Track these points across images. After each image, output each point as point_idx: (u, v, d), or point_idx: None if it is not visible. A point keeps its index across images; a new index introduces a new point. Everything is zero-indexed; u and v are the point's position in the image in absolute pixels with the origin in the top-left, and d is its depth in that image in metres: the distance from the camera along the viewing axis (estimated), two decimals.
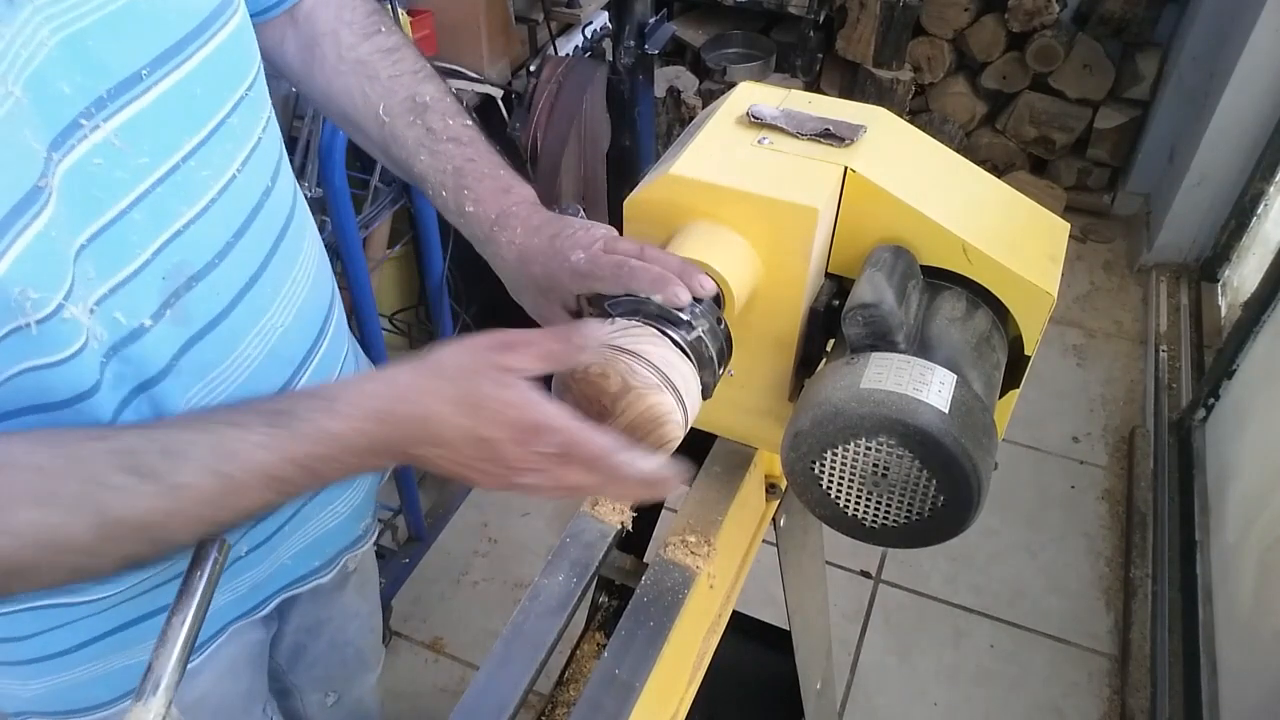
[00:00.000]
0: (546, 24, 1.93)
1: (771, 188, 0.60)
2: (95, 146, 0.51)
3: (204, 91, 0.58)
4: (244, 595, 0.81)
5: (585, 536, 0.72)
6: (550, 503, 2.09)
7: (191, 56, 0.57)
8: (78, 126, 0.51)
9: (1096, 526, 2.06)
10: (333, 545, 0.90)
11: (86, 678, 0.73)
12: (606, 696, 0.62)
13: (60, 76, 0.49)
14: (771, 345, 0.68)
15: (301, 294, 0.71)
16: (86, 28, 0.50)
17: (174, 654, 0.54)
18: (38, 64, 0.48)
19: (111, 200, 0.53)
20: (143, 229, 0.55)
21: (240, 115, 0.62)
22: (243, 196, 0.63)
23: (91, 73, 0.51)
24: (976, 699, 1.75)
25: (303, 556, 0.85)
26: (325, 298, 0.77)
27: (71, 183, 0.50)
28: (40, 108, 0.48)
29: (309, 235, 0.74)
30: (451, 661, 1.83)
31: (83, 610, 0.68)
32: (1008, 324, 0.65)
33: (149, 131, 0.54)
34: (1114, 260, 2.80)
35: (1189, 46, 2.50)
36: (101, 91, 0.51)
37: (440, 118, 0.74)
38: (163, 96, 0.55)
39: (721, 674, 0.83)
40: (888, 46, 2.70)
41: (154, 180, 0.55)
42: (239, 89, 0.62)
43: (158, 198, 0.56)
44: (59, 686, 0.72)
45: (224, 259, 0.61)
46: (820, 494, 0.61)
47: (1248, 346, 1.92)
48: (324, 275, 0.77)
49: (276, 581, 0.84)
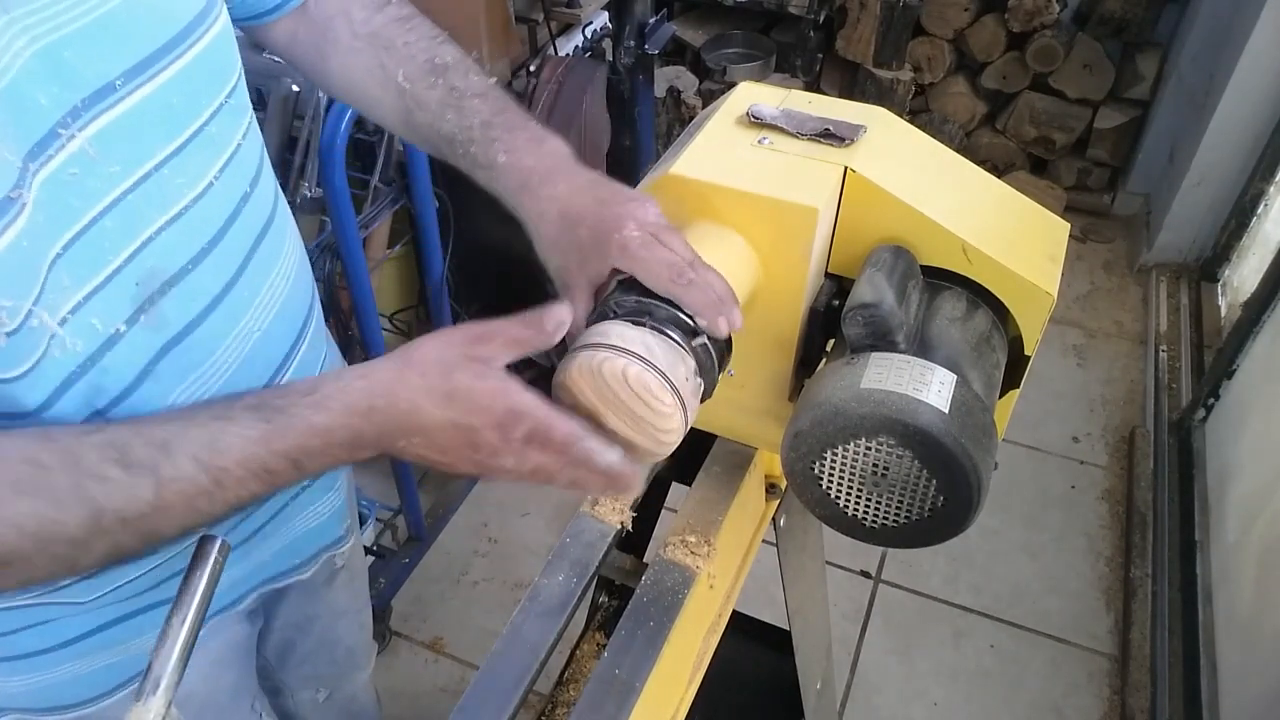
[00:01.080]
0: (546, 24, 1.93)
1: (771, 188, 0.60)
2: (71, 156, 0.52)
3: (181, 100, 0.58)
4: (223, 590, 0.80)
5: (585, 536, 0.72)
6: (550, 502, 2.10)
7: (169, 65, 0.57)
8: (55, 136, 0.51)
9: (1096, 526, 2.06)
10: (312, 544, 0.91)
11: (69, 676, 0.73)
12: (606, 696, 0.62)
13: (36, 87, 0.49)
14: (771, 345, 0.68)
15: (281, 296, 0.71)
16: (63, 38, 0.50)
17: (174, 654, 0.54)
18: (13, 75, 0.48)
19: (85, 208, 0.53)
20: (115, 235, 0.55)
21: (219, 123, 0.62)
22: (219, 203, 0.63)
23: (67, 83, 0.51)
24: (976, 699, 1.75)
25: (283, 555, 0.86)
26: (305, 299, 0.77)
27: (48, 192, 0.51)
28: (16, 119, 0.48)
29: (289, 236, 0.74)
30: (451, 661, 1.83)
31: (66, 610, 0.68)
32: (1007, 324, 0.65)
33: (123, 140, 0.55)
34: (1114, 260, 2.80)
35: (1189, 46, 2.50)
36: (77, 101, 0.51)
37: (463, 76, 0.72)
38: (138, 105, 0.55)
39: (721, 674, 0.83)
40: (888, 46, 2.70)
41: (126, 187, 0.55)
42: (218, 97, 0.62)
43: (130, 204, 0.56)
44: (41, 684, 0.72)
45: (198, 265, 0.61)
46: (820, 494, 0.61)
47: (1247, 346, 1.92)
48: (304, 276, 0.77)
49: (255, 577, 0.85)
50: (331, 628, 1.08)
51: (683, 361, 0.57)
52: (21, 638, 0.69)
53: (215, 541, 0.59)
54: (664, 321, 0.57)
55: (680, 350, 0.57)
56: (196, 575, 0.57)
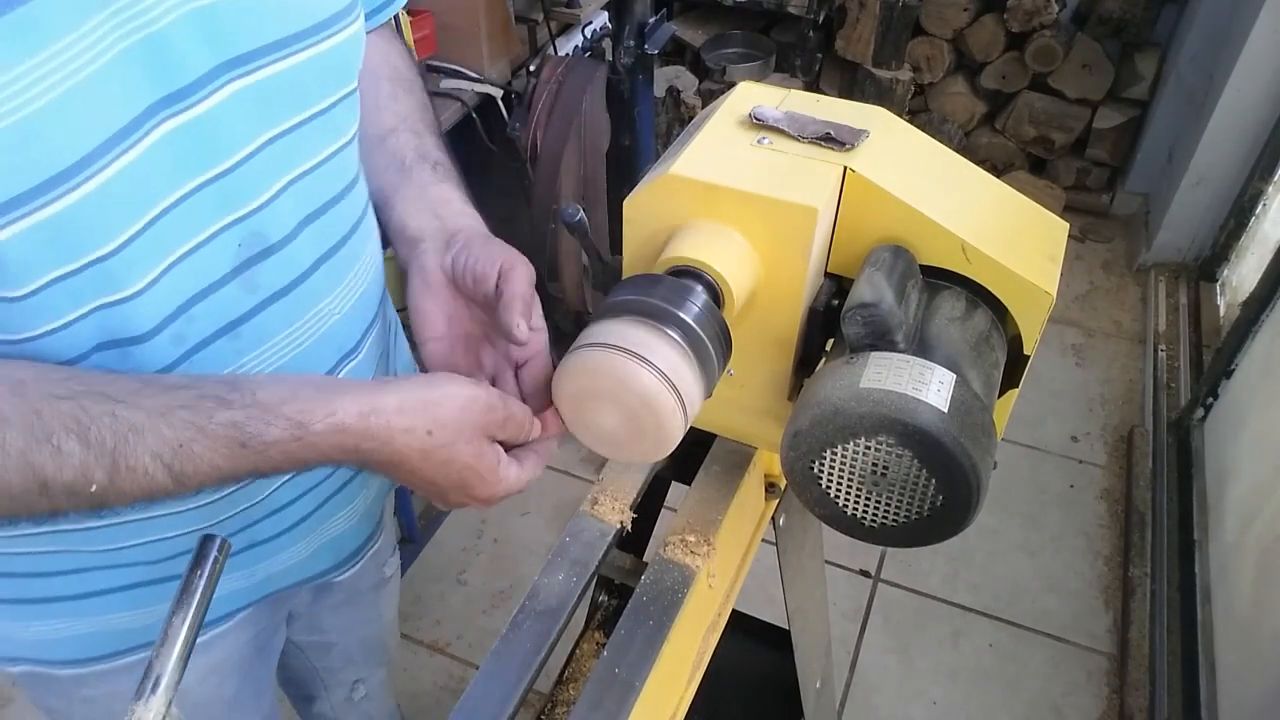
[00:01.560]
0: (546, 24, 1.93)
1: (771, 187, 0.60)
2: (206, 112, 0.54)
3: (314, 81, 0.61)
4: (250, 587, 0.81)
5: (585, 536, 0.72)
6: (550, 502, 2.10)
7: (311, 46, 0.60)
8: (193, 90, 0.53)
9: (1095, 526, 2.06)
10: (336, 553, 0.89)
11: (90, 629, 0.73)
12: (606, 696, 0.62)
13: (185, 42, 0.52)
14: (771, 345, 0.68)
15: (360, 289, 0.73)
16: (224, 2, 0.53)
17: (174, 653, 0.54)
18: (163, 26, 0.50)
19: (208, 163, 0.56)
20: (231, 193, 0.58)
21: (339, 111, 0.65)
22: (328, 181, 0.66)
23: (217, 44, 0.53)
24: (975, 698, 1.76)
25: (317, 556, 0.86)
26: (376, 299, 0.79)
27: (176, 140, 0.53)
28: (156, 65, 0.51)
29: (373, 239, 0.76)
30: (451, 661, 1.83)
31: (99, 558, 0.69)
32: (1007, 323, 0.65)
33: (256, 106, 0.57)
34: (1113, 260, 2.80)
35: (1188, 46, 2.50)
36: (221, 61, 0.54)
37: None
38: (276, 76, 0.57)
39: (721, 673, 0.83)
40: (887, 46, 2.70)
41: (250, 150, 0.58)
42: (343, 88, 0.65)
43: (250, 167, 0.58)
44: (61, 634, 0.73)
45: (297, 236, 0.64)
46: (819, 493, 0.61)
47: (1246, 346, 1.92)
48: (379, 281, 0.79)
49: (280, 580, 0.84)
50: (377, 633, 1.13)
51: (683, 361, 0.57)
52: (55, 581, 0.69)
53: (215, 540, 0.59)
54: (664, 321, 0.57)
55: (680, 349, 0.57)
56: (197, 575, 0.57)
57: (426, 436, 0.55)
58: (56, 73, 0.46)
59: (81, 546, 0.68)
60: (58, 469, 0.47)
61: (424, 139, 0.78)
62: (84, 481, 0.48)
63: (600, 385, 0.57)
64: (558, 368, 0.60)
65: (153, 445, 0.49)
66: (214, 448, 0.50)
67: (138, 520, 0.66)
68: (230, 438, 0.51)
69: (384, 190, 0.75)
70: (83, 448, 0.48)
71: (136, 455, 0.49)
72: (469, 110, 1.75)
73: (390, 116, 0.78)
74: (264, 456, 0.52)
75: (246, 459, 0.51)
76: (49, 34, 0.46)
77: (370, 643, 1.14)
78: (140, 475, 0.49)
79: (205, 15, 0.52)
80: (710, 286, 0.60)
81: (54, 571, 0.69)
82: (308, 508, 0.79)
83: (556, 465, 2.16)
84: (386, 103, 0.78)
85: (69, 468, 0.48)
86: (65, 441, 0.47)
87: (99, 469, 0.48)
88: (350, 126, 0.67)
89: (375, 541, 0.95)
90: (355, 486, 0.83)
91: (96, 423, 0.48)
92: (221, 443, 0.51)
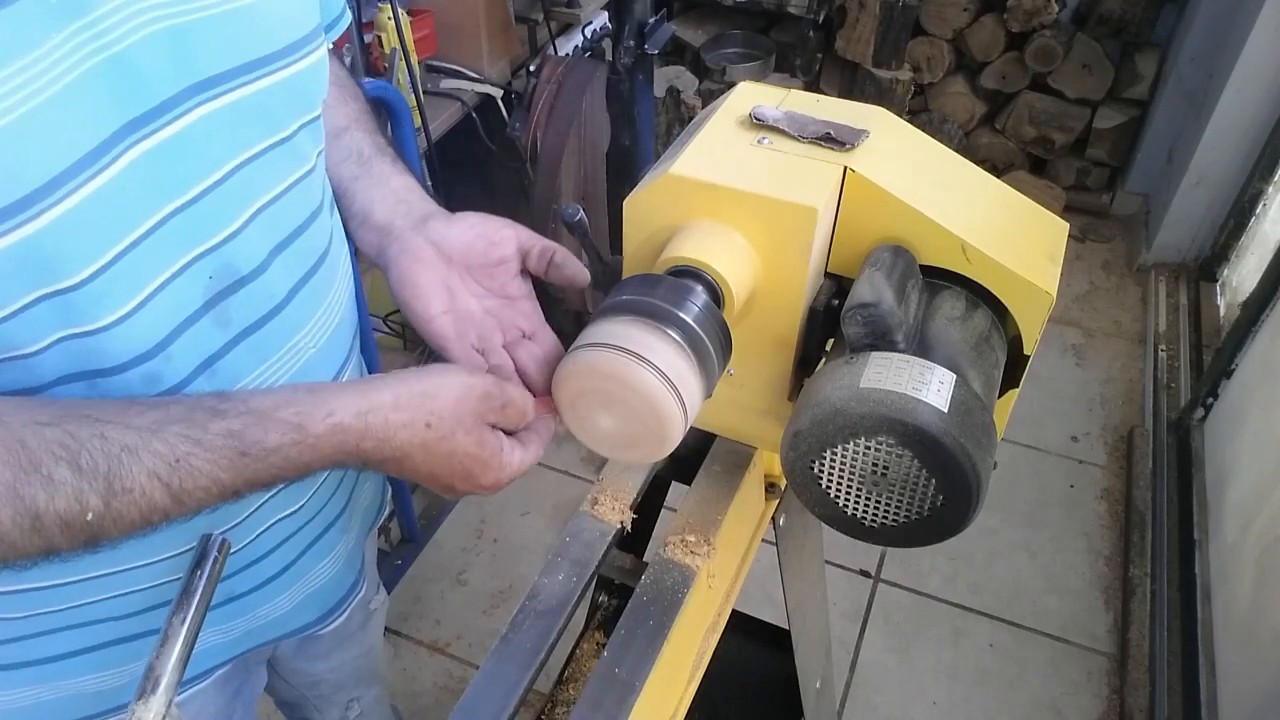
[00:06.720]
0: (546, 24, 1.93)
1: (771, 187, 0.60)
2: (175, 135, 0.52)
3: (280, 105, 0.60)
4: (229, 643, 0.79)
5: (585, 536, 0.72)
6: (549, 501, 2.10)
7: (277, 71, 0.58)
8: (161, 113, 0.51)
9: (1095, 526, 2.06)
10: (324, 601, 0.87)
11: (50, 696, 0.70)
12: (606, 696, 0.62)
13: (151, 63, 0.50)
14: (771, 345, 0.68)
15: (335, 320, 0.71)
16: (191, 23, 0.52)
17: (174, 653, 0.54)
18: (127, 45, 0.49)
19: (178, 189, 0.54)
20: (201, 222, 0.56)
21: (303, 137, 0.64)
22: (294, 209, 0.64)
23: (184, 66, 0.52)
24: (976, 698, 1.76)
25: (300, 609, 0.83)
26: (351, 331, 0.77)
27: (146, 166, 0.51)
28: (122, 87, 0.49)
29: (343, 266, 0.75)
30: (451, 661, 1.83)
31: (55, 620, 0.65)
32: (1007, 323, 0.65)
33: (224, 129, 0.56)
34: (1113, 260, 2.80)
35: (1188, 46, 2.50)
36: (188, 84, 0.53)
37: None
38: (243, 100, 0.56)
39: (721, 673, 0.83)
40: (887, 46, 2.70)
41: (219, 176, 0.56)
42: (308, 113, 0.64)
43: (219, 194, 0.56)
44: (22, 702, 0.69)
45: (268, 268, 0.62)
46: (819, 493, 0.61)
47: (1246, 346, 1.92)
48: (353, 310, 0.77)
49: (261, 635, 0.82)
50: (367, 662, 1.12)
51: (683, 361, 0.57)
52: (13, 648, 0.66)
53: (215, 540, 0.59)
54: (665, 321, 0.57)
55: (680, 349, 0.57)
56: (197, 575, 0.57)
57: (425, 429, 0.55)
58: (18, 91, 0.44)
59: (42, 608, 0.64)
60: (49, 499, 0.45)
61: (377, 137, 0.79)
62: (79, 510, 0.46)
63: (600, 385, 0.57)
64: (558, 368, 0.60)
65: (148, 463, 0.47)
66: (214, 460, 0.49)
67: (101, 576, 0.64)
68: (230, 448, 0.49)
69: (343, 180, 0.75)
70: (74, 474, 0.46)
71: (132, 476, 0.47)
72: (469, 110, 1.75)
73: (342, 116, 0.78)
74: (266, 464, 0.51)
75: (248, 468, 0.50)
76: (6, 52, 0.44)
77: (362, 670, 1.12)
78: (138, 496, 0.47)
79: (170, 36, 0.51)
80: (710, 286, 0.60)
81: (15, 637, 0.65)
82: (287, 557, 0.76)
83: (556, 465, 2.16)
84: (336, 105, 0.78)
85: (62, 496, 0.45)
86: (56, 469, 0.45)
87: (94, 494, 0.46)
88: (312, 154, 0.66)
89: (359, 589, 0.92)
90: (335, 534, 0.81)
91: (86, 446, 0.46)
92: (221, 454, 0.49)
